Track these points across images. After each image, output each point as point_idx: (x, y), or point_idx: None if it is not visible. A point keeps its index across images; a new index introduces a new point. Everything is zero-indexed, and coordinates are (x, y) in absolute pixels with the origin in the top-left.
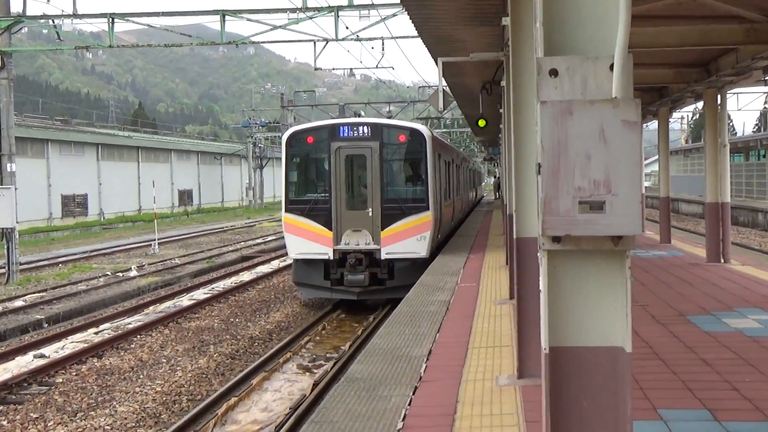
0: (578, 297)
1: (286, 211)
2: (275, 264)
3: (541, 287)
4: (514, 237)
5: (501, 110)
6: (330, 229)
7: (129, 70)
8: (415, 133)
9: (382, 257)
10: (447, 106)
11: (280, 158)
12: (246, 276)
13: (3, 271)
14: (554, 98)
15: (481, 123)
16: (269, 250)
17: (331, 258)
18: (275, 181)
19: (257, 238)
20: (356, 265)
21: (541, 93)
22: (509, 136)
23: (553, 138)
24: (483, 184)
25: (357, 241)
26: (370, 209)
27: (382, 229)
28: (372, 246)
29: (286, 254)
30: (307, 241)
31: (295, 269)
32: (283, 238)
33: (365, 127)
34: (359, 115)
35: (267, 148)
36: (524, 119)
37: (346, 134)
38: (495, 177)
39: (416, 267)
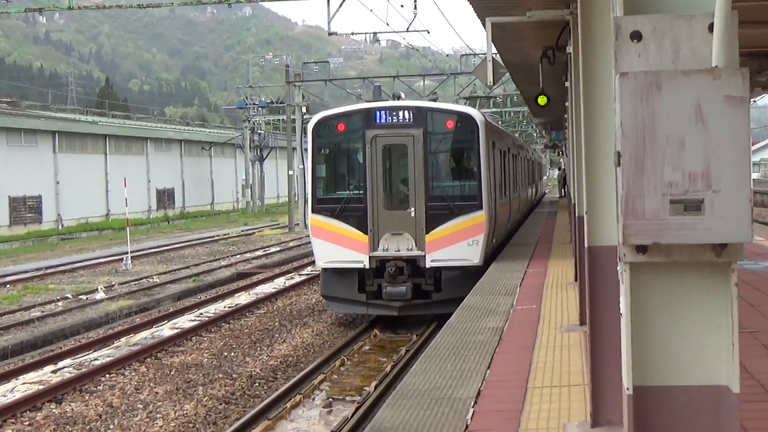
0: (670, 322)
1: (313, 211)
2: (279, 282)
3: (621, 310)
4: (586, 246)
5: (567, 84)
6: (365, 232)
7: (93, 38)
8: (465, 119)
9: (427, 265)
10: (498, 80)
11: (285, 147)
12: (243, 298)
13: None
14: (637, 68)
15: (542, 100)
16: (272, 265)
17: (367, 267)
18: (279, 177)
19: (257, 249)
20: (396, 275)
21: (620, 62)
22: (578, 117)
23: (636, 119)
24: (545, 178)
25: (397, 246)
26: (413, 209)
27: (427, 232)
28: (415, 252)
29: (294, 269)
30: (338, 247)
31: (323, 281)
32: (290, 249)
33: (406, 112)
34: (399, 98)
35: (268, 136)
36: (598, 95)
37: (383, 120)
38: (559, 169)
39: (467, 277)
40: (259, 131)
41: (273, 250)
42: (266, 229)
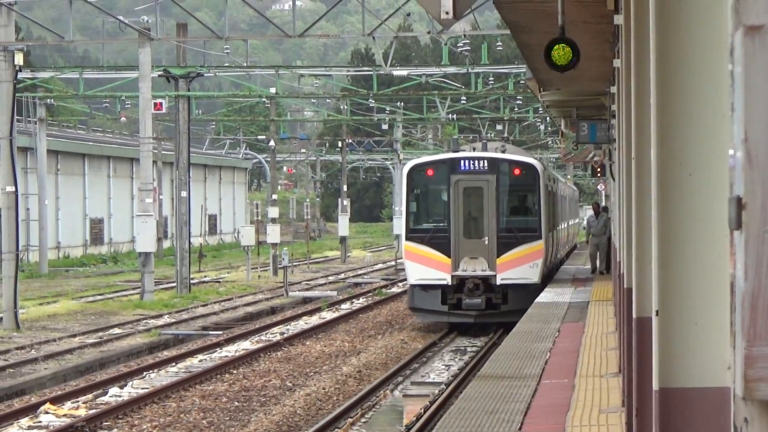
0: None
1: (407, 239)
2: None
3: None
4: (655, 387)
5: (615, 31)
6: (448, 256)
7: None
8: (529, 168)
9: (498, 283)
10: (462, 12)
11: None
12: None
13: None
14: None
15: (560, 54)
16: None
17: (449, 284)
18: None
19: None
20: (474, 290)
21: (745, 5)
22: (639, 113)
23: None
24: (574, 221)
25: (474, 267)
26: (486, 238)
27: (498, 257)
28: (488, 272)
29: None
30: (426, 267)
31: (412, 295)
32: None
33: (483, 162)
34: (474, 148)
35: None
36: (686, 74)
37: (465, 168)
38: (598, 209)
39: (529, 292)
40: None
41: None
42: None
